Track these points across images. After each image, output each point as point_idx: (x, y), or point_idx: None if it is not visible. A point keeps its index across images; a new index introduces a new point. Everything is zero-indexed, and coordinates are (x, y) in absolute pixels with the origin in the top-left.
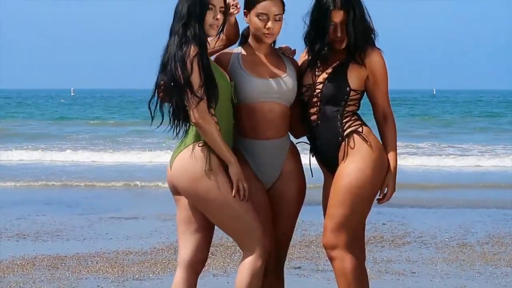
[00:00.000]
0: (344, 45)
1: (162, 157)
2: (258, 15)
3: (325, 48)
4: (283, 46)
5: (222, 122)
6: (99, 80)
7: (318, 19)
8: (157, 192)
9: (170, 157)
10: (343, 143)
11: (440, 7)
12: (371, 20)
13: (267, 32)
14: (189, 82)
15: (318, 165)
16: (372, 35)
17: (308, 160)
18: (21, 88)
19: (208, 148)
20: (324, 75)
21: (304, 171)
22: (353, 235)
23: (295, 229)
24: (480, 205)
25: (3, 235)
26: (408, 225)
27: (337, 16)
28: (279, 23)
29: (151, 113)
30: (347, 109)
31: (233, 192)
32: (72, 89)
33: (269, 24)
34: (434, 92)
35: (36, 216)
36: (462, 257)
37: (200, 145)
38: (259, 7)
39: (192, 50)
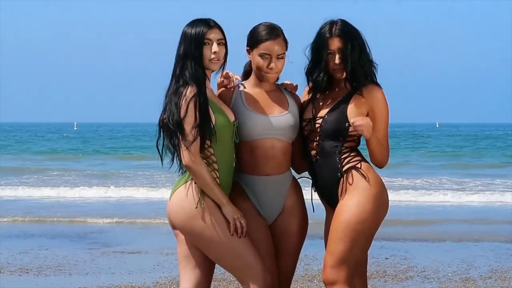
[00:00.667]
0: (344, 75)
1: (162, 191)
2: (261, 55)
3: (323, 77)
4: (286, 81)
5: (223, 160)
6: (102, 114)
7: (317, 49)
8: (159, 226)
9: (170, 192)
10: (342, 179)
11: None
12: (370, 53)
13: (269, 72)
14: (181, 124)
15: (319, 200)
16: (373, 69)
17: (310, 195)
18: (24, 121)
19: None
20: (324, 110)
21: (306, 206)
22: (353, 270)
23: (297, 263)
24: (483, 240)
25: (5, 270)
26: (411, 259)
27: (334, 44)
28: (281, 61)
29: (159, 153)
30: (345, 145)
31: (231, 231)
32: (75, 123)
33: (272, 64)
34: (437, 126)
35: (39, 250)
36: None
37: (194, 182)
38: (262, 47)
39: (189, 91)
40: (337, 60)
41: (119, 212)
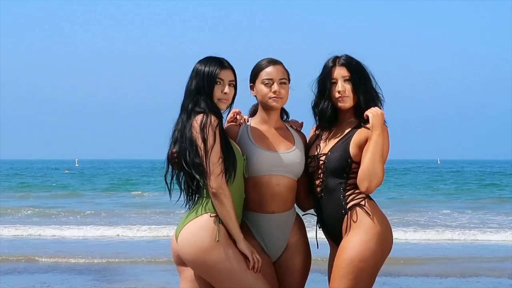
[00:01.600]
0: (347, 105)
1: (161, 231)
2: (263, 82)
3: (327, 106)
4: (290, 120)
5: (235, 195)
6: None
7: (321, 81)
8: (159, 265)
9: (176, 229)
10: (346, 216)
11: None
12: (377, 86)
13: (274, 96)
14: (211, 151)
15: (324, 236)
16: (379, 101)
17: (314, 231)
18: (25, 158)
19: (218, 219)
20: (328, 147)
21: (310, 243)
22: None
23: None
24: (486, 275)
25: None
26: None
27: (337, 73)
28: (285, 87)
29: (168, 186)
30: (349, 181)
31: (250, 265)
32: (76, 159)
33: (275, 86)
34: (439, 162)
35: (41, 286)
36: None
37: (212, 215)
38: (264, 74)
39: (213, 119)
40: (339, 87)
41: (120, 251)
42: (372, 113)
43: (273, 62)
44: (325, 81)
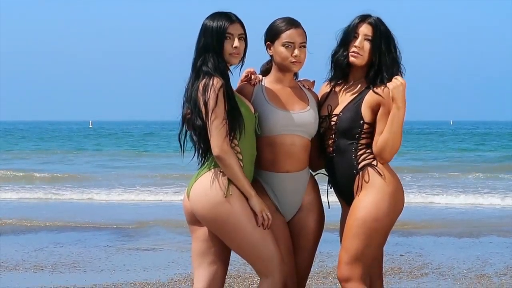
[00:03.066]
0: (357, 62)
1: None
2: (284, 44)
3: (344, 57)
4: (302, 79)
5: (245, 153)
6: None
7: (345, 32)
8: (173, 224)
9: (187, 187)
10: (358, 176)
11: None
12: (399, 57)
13: (294, 60)
14: (212, 114)
15: (335, 197)
16: (399, 73)
17: (326, 191)
18: (39, 119)
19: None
20: (339, 107)
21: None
22: (368, 268)
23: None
24: (499, 236)
25: (20, 267)
26: (425, 256)
27: (362, 29)
28: (304, 51)
29: (181, 145)
30: (361, 142)
31: (258, 223)
32: (90, 121)
33: (296, 52)
34: (451, 123)
35: (54, 247)
36: None
37: (221, 170)
38: (284, 36)
39: (216, 81)
40: (357, 43)
41: (132, 213)
42: (393, 85)
43: (294, 24)
44: (349, 33)
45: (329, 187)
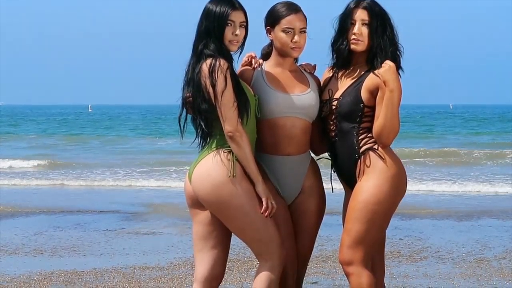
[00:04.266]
0: (359, 48)
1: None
2: (283, 30)
3: (345, 46)
4: (304, 63)
5: (248, 135)
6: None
7: (342, 19)
8: (174, 207)
9: (188, 170)
10: (360, 160)
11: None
12: (396, 37)
13: (294, 46)
14: (222, 96)
15: (338, 180)
16: (398, 53)
17: (329, 175)
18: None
19: (232, 154)
20: (340, 91)
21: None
22: (370, 251)
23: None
24: (498, 219)
25: (20, 251)
26: (425, 240)
27: (358, 14)
28: (304, 36)
29: (181, 129)
30: (362, 125)
31: (262, 209)
32: (89, 105)
33: (296, 37)
34: (451, 107)
35: (53, 231)
36: (479, 272)
37: (225, 151)
38: (284, 22)
39: (223, 62)
40: (355, 29)
41: (133, 196)
42: (383, 69)
43: (294, 9)
44: (345, 20)
45: (332, 171)
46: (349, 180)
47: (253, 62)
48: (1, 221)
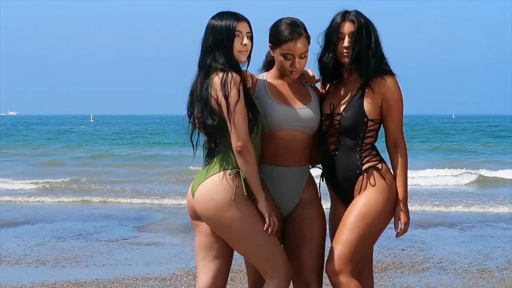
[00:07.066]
0: (347, 60)
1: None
2: (283, 55)
3: (330, 59)
4: (308, 70)
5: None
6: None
7: (328, 34)
8: (177, 218)
9: (192, 184)
10: (361, 176)
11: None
12: (381, 47)
13: (292, 70)
14: (235, 108)
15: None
16: (385, 61)
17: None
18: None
19: (236, 177)
20: (342, 106)
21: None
22: (359, 264)
23: None
24: (500, 230)
25: (22, 261)
26: (427, 250)
27: (345, 28)
28: (304, 60)
29: (193, 147)
30: (365, 141)
31: (265, 227)
32: (91, 115)
33: (296, 63)
34: (454, 117)
35: (56, 242)
36: (481, 283)
37: (229, 174)
38: (285, 48)
39: (235, 75)
40: (345, 43)
41: (134, 204)
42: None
43: (296, 34)
44: (332, 35)
45: (321, 180)
46: (344, 194)
47: (248, 80)
48: (3, 230)
